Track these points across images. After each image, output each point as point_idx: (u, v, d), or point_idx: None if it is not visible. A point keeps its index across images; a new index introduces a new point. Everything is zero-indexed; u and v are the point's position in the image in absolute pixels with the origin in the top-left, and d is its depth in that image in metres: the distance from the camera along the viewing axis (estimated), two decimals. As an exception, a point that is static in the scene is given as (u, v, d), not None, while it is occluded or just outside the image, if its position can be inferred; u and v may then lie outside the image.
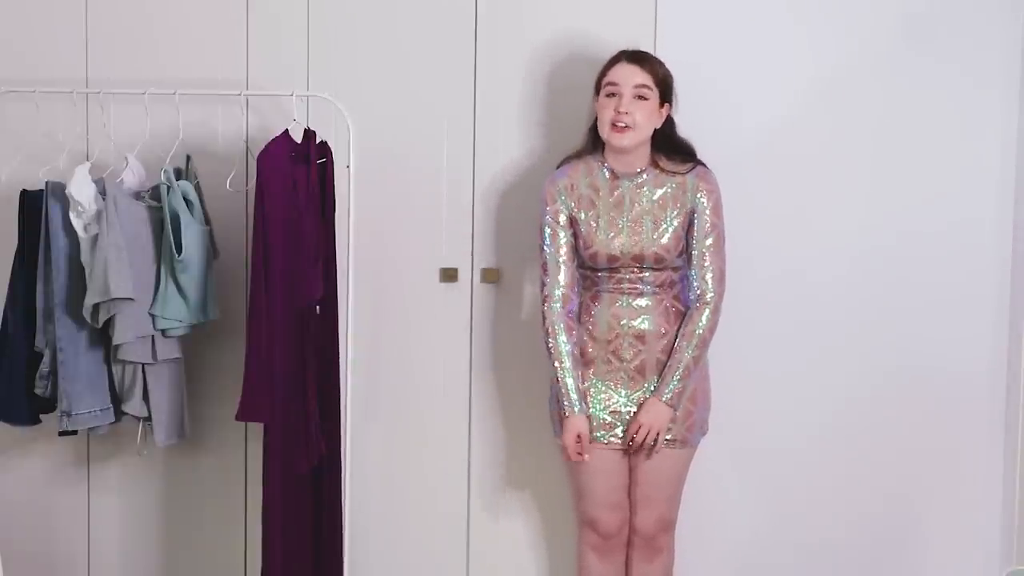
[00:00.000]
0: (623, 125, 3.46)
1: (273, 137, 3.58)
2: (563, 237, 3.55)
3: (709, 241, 3.53)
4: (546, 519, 3.96)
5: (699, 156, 3.60)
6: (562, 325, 3.53)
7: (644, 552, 3.64)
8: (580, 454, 3.52)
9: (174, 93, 3.70)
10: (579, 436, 3.51)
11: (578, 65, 3.82)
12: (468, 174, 3.89)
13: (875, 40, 3.82)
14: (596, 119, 3.56)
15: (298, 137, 3.63)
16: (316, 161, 3.62)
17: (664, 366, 3.53)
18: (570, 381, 3.51)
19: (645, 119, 3.49)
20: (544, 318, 3.56)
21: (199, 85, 3.79)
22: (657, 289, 3.55)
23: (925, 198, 3.84)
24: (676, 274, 3.57)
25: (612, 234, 3.53)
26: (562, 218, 3.56)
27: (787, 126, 3.84)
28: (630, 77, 3.48)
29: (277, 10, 3.90)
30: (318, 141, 3.66)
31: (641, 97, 3.48)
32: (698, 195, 3.53)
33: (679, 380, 3.50)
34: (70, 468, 4.04)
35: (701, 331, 3.52)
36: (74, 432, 3.70)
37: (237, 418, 3.55)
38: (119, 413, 3.71)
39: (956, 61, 3.80)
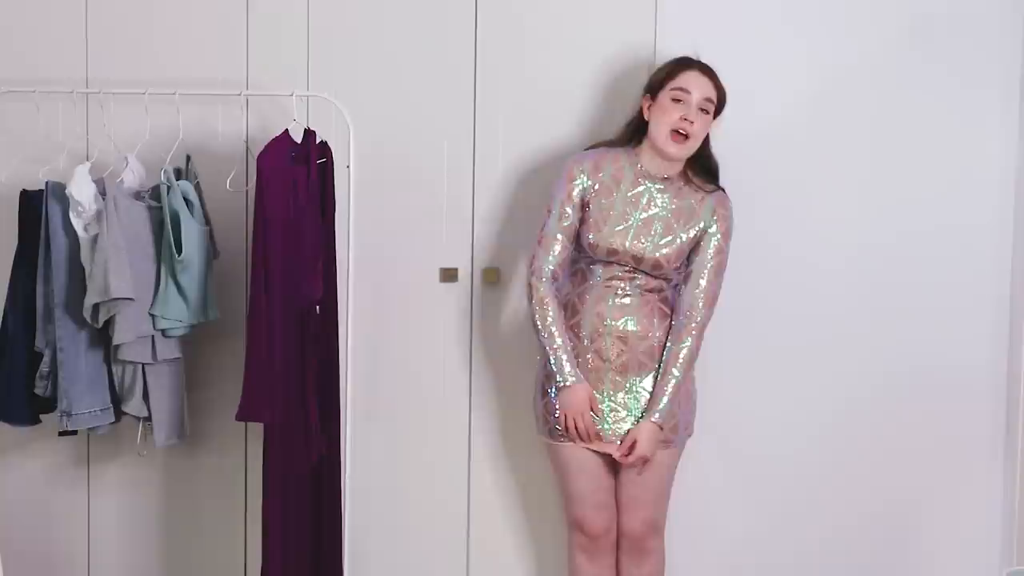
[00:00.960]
0: (684, 134, 3.46)
1: (273, 137, 3.58)
2: (571, 215, 3.53)
3: (711, 264, 3.52)
4: (546, 519, 3.95)
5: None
6: (552, 297, 3.52)
7: (633, 555, 3.62)
8: (590, 434, 3.50)
9: (174, 93, 3.69)
10: (592, 406, 3.49)
11: (578, 65, 3.82)
12: (468, 174, 3.89)
13: (875, 40, 3.82)
14: (638, 115, 3.55)
15: (298, 137, 3.63)
16: (316, 161, 3.61)
17: (645, 367, 3.52)
18: (563, 352, 3.48)
19: (702, 131, 3.49)
20: (532, 290, 3.53)
21: (199, 85, 3.79)
22: (646, 292, 3.54)
23: (925, 197, 3.84)
24: (668, 282, 3.57)
25: (619, 228, 3.52)
26: (576, 197, 3.54)
27: (787, 126, 3.84)
28: (702, 89, 3.48)
29: (277, 10, 3.89)
30: (318, 141, 3.65)
31: (704, 110, 3.48)
32: (713, 218, 3.53)
33: (669, 400, 3.50)
34: (70, 468, 4.04)
35: (688, 351, 3.51)
36: (74, 432, 3.69)
37: (237, 418, 3.55)
38: (119, 413, 3.71)
39: (956, 61, 3.80)
